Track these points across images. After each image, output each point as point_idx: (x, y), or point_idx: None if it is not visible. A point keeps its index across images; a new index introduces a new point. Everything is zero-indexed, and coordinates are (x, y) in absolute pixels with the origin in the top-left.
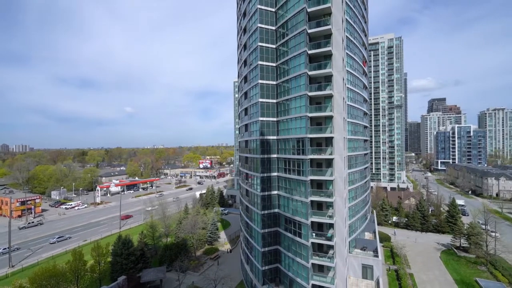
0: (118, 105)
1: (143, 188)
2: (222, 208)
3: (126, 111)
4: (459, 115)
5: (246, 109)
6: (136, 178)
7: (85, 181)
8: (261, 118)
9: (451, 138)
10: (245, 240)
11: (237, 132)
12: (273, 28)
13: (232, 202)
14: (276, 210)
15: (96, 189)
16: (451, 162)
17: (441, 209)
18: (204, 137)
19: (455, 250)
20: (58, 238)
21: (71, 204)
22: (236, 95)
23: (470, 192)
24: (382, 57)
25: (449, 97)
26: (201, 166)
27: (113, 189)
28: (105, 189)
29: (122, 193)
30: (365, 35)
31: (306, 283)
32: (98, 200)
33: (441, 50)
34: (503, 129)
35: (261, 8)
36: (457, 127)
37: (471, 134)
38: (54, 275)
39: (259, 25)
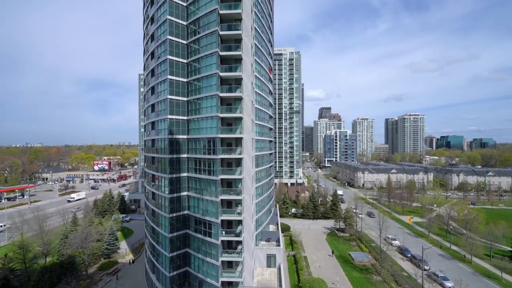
0: None
1: (9, 199)
2: (124, 215)
3: None
4: (340, 122)
5: (153, 106)
6: None
7: None
8: (170, 116)
9: (334, 141)
10: (151, 247)
11: (142, 130)
12: (184, 23)
13: (136, 207)
14: (185, 212)
15: None
16: (334, 160)
17: (327, 199)
18: (101, 134)
19: (336, 231)
20: None
21: None
22: (142, 89)
23: (347, 184)
24: (284, 67)
25: (333, 106)
26: (96, 168)
27: None
28: None
29: None
30: (271, 45)
31: (216, 281)
32: None
33: (328, 67)
34: (367, 134)
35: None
36: (338, 131)
37: (348, 137)
38: None
39: (169, 17)
